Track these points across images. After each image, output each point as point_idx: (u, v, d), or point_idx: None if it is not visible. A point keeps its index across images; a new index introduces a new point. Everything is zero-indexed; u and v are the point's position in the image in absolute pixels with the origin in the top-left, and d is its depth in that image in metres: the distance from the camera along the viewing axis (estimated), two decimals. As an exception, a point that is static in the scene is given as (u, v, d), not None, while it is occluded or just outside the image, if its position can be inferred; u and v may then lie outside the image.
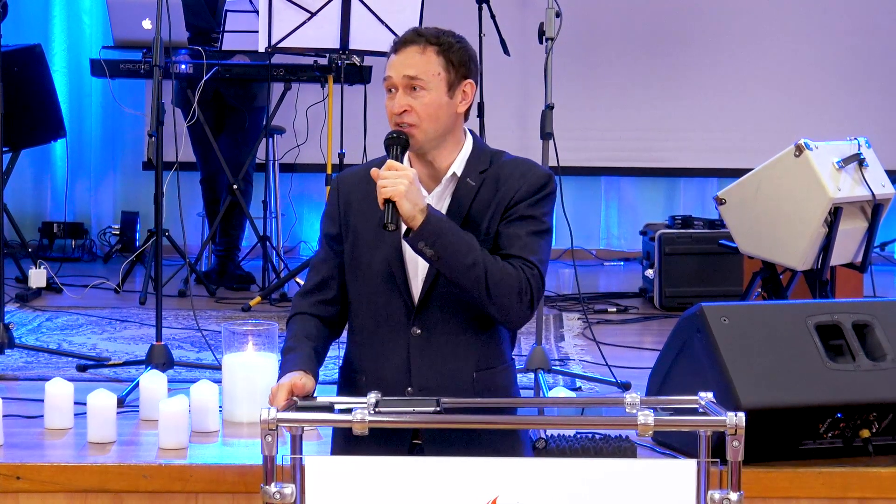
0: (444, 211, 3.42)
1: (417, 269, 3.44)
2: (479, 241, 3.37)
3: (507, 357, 3.56)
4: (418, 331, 3.43)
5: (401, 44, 3.44)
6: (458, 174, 3.47)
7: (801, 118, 8.32)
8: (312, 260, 3.62)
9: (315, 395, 3.28)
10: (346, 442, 3.33)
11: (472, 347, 3.46)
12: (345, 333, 3.65)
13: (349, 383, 3.53)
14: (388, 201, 3.27)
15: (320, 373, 5.30)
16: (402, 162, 3.37)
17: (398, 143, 3.39)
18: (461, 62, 3.45)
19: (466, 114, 3.51)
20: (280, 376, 3.32)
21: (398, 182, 3.26)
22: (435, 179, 3.48)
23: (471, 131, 3.56)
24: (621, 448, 4.14)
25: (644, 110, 8.48)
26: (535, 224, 3.44)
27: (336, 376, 3.67)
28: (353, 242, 3.49)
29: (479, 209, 3.43)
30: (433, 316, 3.43)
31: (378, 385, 3.30)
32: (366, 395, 3.11)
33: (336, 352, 3.68)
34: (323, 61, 6.93)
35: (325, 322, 3.52)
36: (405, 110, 3.39)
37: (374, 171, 3.33)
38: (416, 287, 3.43)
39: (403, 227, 3.32)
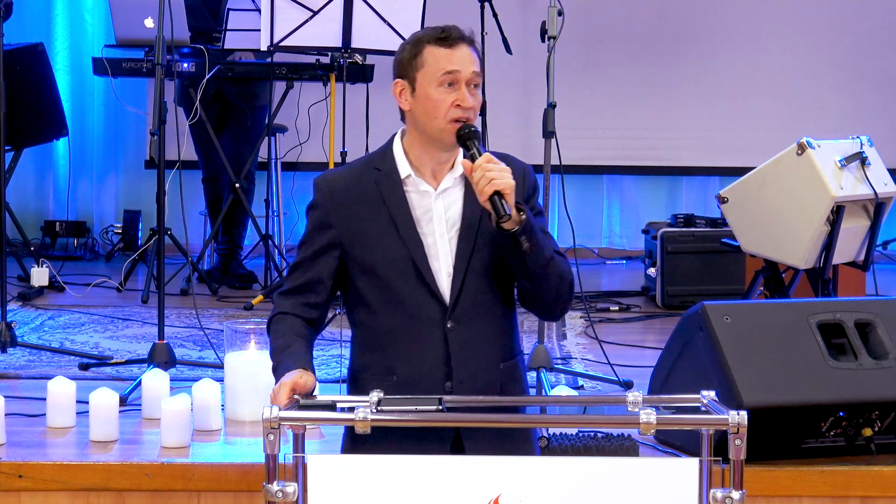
0: (458, 208, 3.45)
1: (441, 264, 3.44)
2: (491, 238, 3.40)
3: (521, 347, 3.62)
4: (453, 326, 3.43)
5: (455, 39, 3.44)
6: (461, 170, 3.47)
7: (803, 116, 8.32)
8: (297, 260, 3.55)
9: (315, 392, 3.28)
10: (384, 440, 3.27)
11: (497, 339, 3.50)
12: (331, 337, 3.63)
13: (371, 386, 3.35)
14: (497, 194, 3.27)
15: (322, 372, 5.30)
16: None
17: (476, 137, 3.40)
18: None
19: None
20: (278, 375, 3.31)
21: (506, 175, 3.29)
22: (441, 176, 3.47)
23: None
24: (623, 447, 4.14)
25: (646, 109, 8.48)
26: (544, 220, 3.56)
27: (338, 375, 3.67)
28: (360, 246, 3.46)
29: None
30: (465, 310, 3.43)
31: (413, 383, 3.36)
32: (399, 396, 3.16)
33: (328, 350, 3.67)
34: (325, 60, 6.93)
35: (309, 323, 3.51)
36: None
37: (465, 163, 3.34)
38: (444, 283, 3.43)
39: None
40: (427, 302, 3.42)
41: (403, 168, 3.46)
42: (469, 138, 3.37)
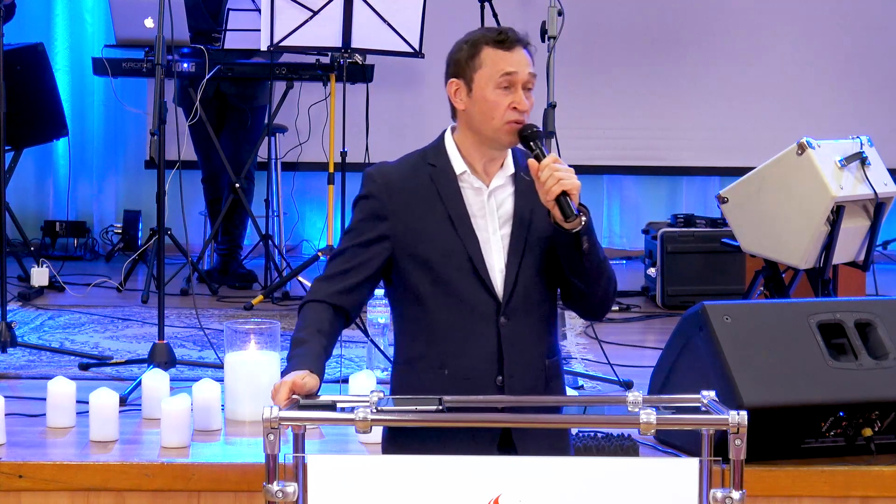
0: (509, 205, 3.48)
1: (494, 260, 3.46)
2: (541, 236, 3.46)
3: (560, 345, 3.67)
4: (505, 322, 3.45)
5: (513, 41, 3.45)
6: (513, 169, 3.52)
7: (803, 116, 8.32)
8: (341, 247, 3.54)
9: (319, 393, 3.27)
10: (429, 439, 3.29)
11: (543, 335, 3.53)
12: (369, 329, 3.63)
13: (420, 378, 3.45)
14: (563, 194, 3.32)
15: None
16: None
17: (539, 137, 3.44)
18: None
19: None
20: (285, 371, 3.31)
21: (572, 175, 3.34)
22: (492, 173, 3.50)
23: None
24: (623, 447, 4.14)
25: (646, 109, 8.48)
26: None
27: (337, 375, 3.67)
28: (415, 239, 3.46)
29: (539, 203, 3.45)
30: (516, 306, 3.46)
31: (465, 377, 3.39)
32: (447, 389, 3.23)
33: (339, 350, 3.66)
34: (325, 60, 6.93)
35: (340, 313, 3.49)
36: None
37: (532, 162, 3.36)
38: (497, 279, 3.45)
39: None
40: (481, 297, 3.44)
41: (458, 164, 3.48)
42: (532, 139, 3.42)
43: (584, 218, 3.35)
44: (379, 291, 5.45)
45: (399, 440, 3.43)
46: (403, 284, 3.49)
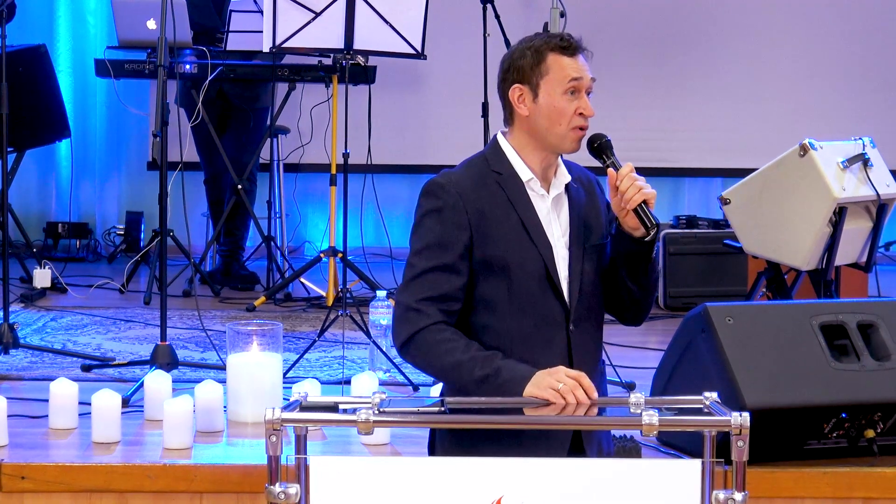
0: (566, 213, 3.51)
1: (560, 268, 3.47)
2: (596, 243, 3.51)
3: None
4: (574, 329, 3.47)
5: (576, 48, 3.47)
6: (569, 177, 3.54)
7: (805, 118, 8.32)
8: (434, 264, 3.41)
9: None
10: (496, 443, 3.30)
11: (600, 341, 3.60)
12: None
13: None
14: (644, 203, 3.38)
15: (325, 373, 5.32)
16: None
17: (610, 147, 3.51)
18: None
19: None
20: (514, 377, 3.30)
21: (648, 185, 3.39)
22: (549, 180, 3.52)
23: None
24: (626, 448, 4.14)
25: (648, 110, 8.48)
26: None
27: (340, 377, 3.66)
28: (493, 247, 3.43)
29: (588, 211, 3.53)
30: (581, 314, 3.48)
31: None
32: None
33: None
34: (327, 61, 6.93)
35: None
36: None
37: (611, 172, 3.41)
38: (564, 287, 3.46)
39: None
40: (554, 305, 3.45)
41: (523, 171, 3.48)
42: (605, 149, 3.48)
43: (655, 227, 3.40)
44: (381, 293, 5.48)
45: (463, 444, 3.38)
46: (475, 293, 3.45)
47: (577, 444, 3.43)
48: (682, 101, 8.51)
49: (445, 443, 3.47)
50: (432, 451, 3.53)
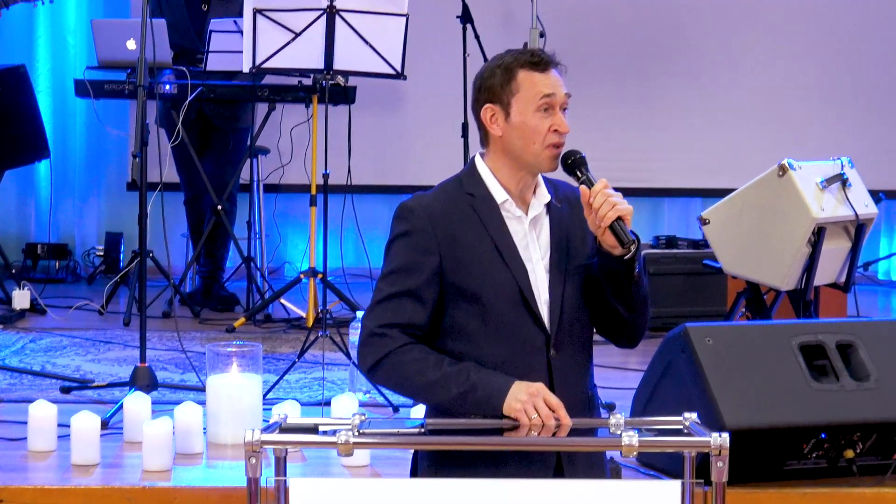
0: (546, 235, 3.41)
1: (540, 292, 3.38)
2: (579, 264, 3.40)
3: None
4: (555, 354, 3.38)
5: (547, 63, 3.37)
6: (549, 197, 3.45)
7: (784, 138, 8.34)
8: (401, 289, 3.33)
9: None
10: (482, 465, 3.24)
11: (585, 365, 3.49)
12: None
13: (473, 416, 3.29)
14: (618, 220, 3.27)
15: (305, 394, 5.29)
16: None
17: (584, 163, 3.38)
18: None
19: None
20: (489, 390, 3.25)
21: (624, 201, 3.29)
22: (527, 201, 3.43)
23: None
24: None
25: (628, 130, 8.50)
26: None
27: (320, 398, 3.65)
28: (464, 273, 3.34)
29: (573, 231, 3.43)
30: (562, 338, 3.39)
31: None
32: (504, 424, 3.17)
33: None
34: (307, 81, 6.93)
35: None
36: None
37: (584, 189, 3.30)
38: (544, 311, 3.37)
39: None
40: (532, 330, 3.36)
41: (498, 193, 3.39)
42: (578, 165, 3.36)
43: (634, 244, 3.30)
44: (361, 314, 5.47)
45: (447, 466, 3.30)
46: (447, 319, 3.37)
47: (561, 468, 3.35)
48: (662, 121, 8.53)
49: (428, 464, 3.42)
50: (414, 472, 3.50)
